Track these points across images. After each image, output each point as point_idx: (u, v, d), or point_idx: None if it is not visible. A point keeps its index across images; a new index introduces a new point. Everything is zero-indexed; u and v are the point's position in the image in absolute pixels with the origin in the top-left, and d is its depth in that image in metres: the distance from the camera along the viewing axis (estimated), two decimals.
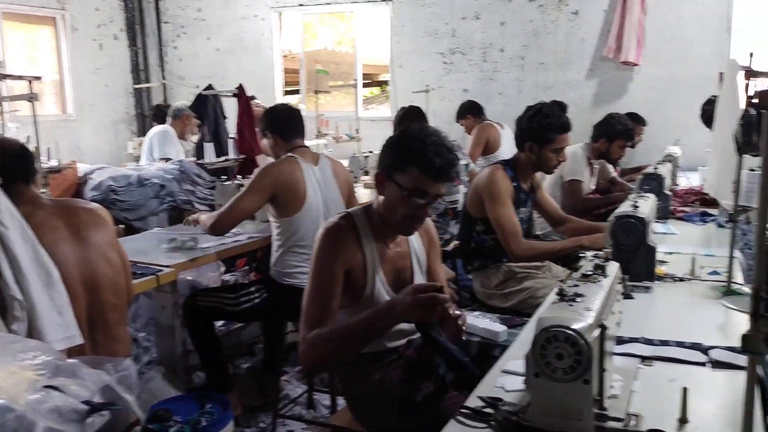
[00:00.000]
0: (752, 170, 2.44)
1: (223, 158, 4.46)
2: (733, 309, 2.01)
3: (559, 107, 3.02)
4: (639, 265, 2.39)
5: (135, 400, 1.39)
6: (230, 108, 5.39)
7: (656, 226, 3.24)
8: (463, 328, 1.77)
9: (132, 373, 1.63)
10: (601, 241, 2.60)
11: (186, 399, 1.41)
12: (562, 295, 1.38)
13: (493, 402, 1.39)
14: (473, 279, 3.10)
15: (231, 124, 5.21)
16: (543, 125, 2.92)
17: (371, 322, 1.75)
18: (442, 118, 6.53)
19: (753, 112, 2.06)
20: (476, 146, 5.50)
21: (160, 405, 1.34)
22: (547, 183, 4.25)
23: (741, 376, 1.56)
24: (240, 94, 4.09)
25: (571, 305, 1.33)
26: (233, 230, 3.12)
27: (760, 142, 1.10)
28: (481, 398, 1.42)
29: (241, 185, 3.45)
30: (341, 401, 2.76)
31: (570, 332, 1.23)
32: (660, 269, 2.50)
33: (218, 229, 3.02)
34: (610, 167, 4.69)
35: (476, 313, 2.61)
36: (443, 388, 1.95)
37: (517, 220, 2.93)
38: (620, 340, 1.79)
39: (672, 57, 6.00)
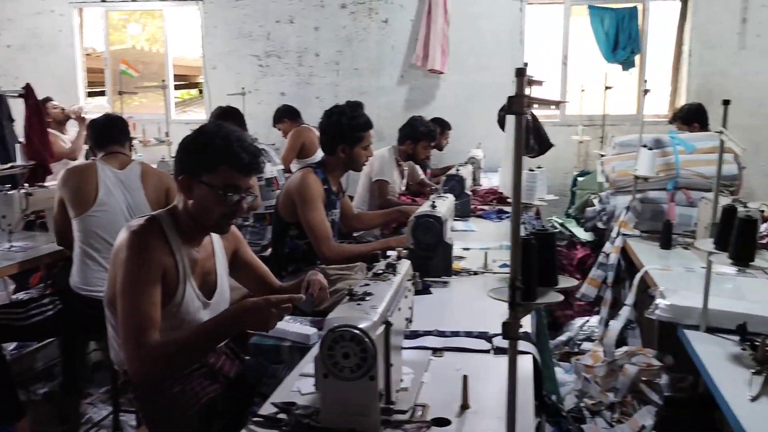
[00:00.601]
0: (531, 170, 2.69)
1: (8, 165, 4.03)
2: (495, 299, 2.19)
3: (358, 106, 3.12)
4: (438, 261, 2.54)
5: None
6: (20, 110, 4.90)
7: (457, 224, 3.46)
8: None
9: None
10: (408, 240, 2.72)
11: None
12: (351, 295, 1.42)
13: (286, 407, 1.39)
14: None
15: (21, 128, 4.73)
16: (352, 126, 3.02)
17: (219, 331, 1.75)
18: (259, 121, 6.45)
19: (529, 118, 2.27)
20: (291, 150, 5.50)
21: None
22: (359, 186, 4.38)
23: (521, 361, 1.70)
24: (27, 94, 3.72)
25: (359, 304, 1.37)
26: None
27: (509, 143, 1.20)
28: (275, 404, 1.41)
29: (30, 194, 3.20)
30: None
31: (355, 331, 1.26)
32: (457, 264, 2.66)
33: (61, 244, 3.10)
34: (420, 169, 4.92)
35: (288, 317, 2.60)
36: (249, 393, 1.93)
37: (328, 224, 2.97)
38: (415, 334, 1.88)
39: (473, 66, 6.42)
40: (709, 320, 2.01)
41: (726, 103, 2.02)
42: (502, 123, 4.86)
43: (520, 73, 1.13)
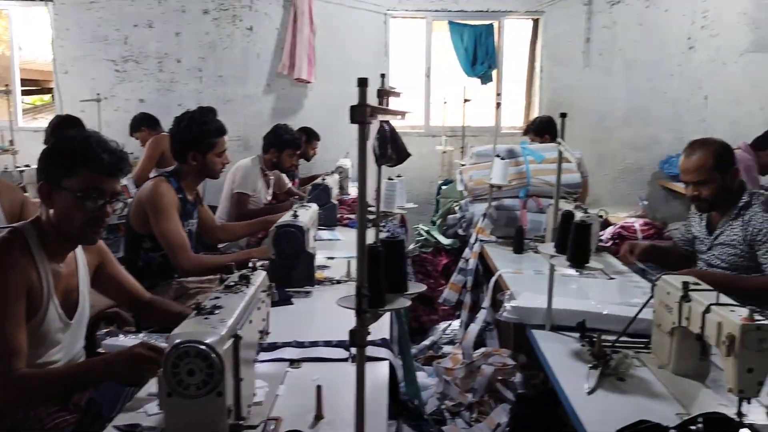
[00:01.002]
0: (390, 179, 2.75)
1: None
2: (344, 307, 2.23)
3: (210, 111, 3.05)
4: (300, 271, 2.52)
5: None
6: None
7: (322, 233, 3.46)
8: None
9: None
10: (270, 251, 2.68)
11: None
12: (199, 309, 1.37)
13: (129, 429, 1.32)
14: None
15: None
16: (203, 132, 2.93)
17: (86, 376, 1.67)
18: (116, 128, 6.11)
19: (387, 128, 2.31)
20: (149, 160, 5.27)
21: None
22: (222, 196, 4.28)
23: (377, 367, 1.72)
24: None
25: (206, 318, 1.33)
26: None
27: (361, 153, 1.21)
28: (117, 427, 1.34)
29: None
30: None
31: (201, 347, 1.22)
32: (320, 274, 2.65)
33: None
34: (286, 178, 4.88)
35: (141, 334, 2.48)
36: (97, 418, 1.81)
37: (184, 233, 2.87)
38: (273, 346, 1.85)
39: (340, 76, 6.45)
40: (553, 319, 2.13)
41: (563, 116, 2.17)
42: None
43: (362, 83, 1.15)
